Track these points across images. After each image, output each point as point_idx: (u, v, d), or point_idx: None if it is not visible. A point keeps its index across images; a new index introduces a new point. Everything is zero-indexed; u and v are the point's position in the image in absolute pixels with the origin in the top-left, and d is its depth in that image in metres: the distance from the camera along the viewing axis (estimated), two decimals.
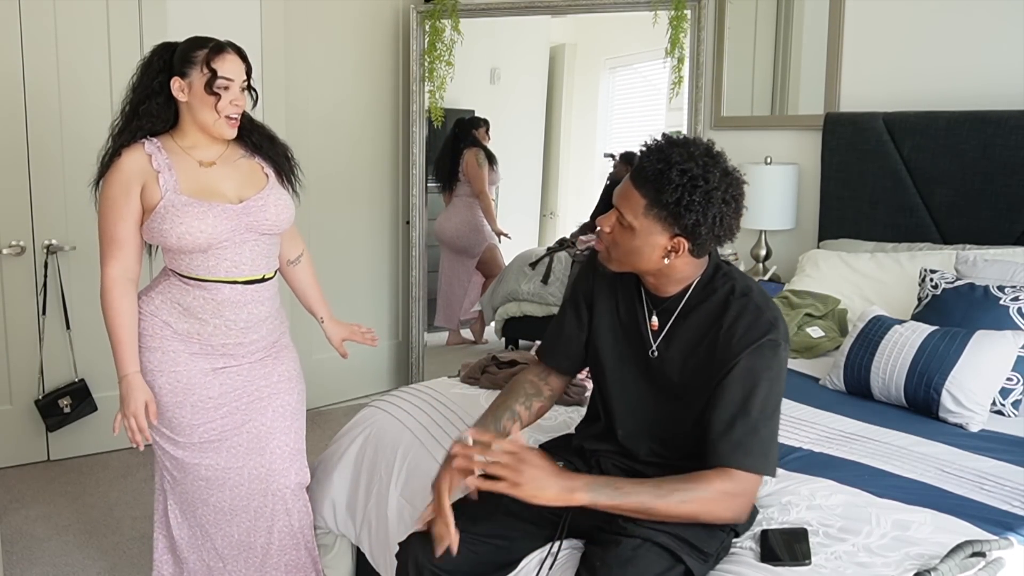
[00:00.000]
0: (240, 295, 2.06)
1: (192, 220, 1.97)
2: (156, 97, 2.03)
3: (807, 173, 3.54)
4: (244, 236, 2.04)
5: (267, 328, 2.14)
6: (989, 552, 1.49)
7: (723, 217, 1.52)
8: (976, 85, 3.08)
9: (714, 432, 1.53)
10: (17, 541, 2.86)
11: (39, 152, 3.34)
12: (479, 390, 2.41)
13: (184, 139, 2.06)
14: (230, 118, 2.02)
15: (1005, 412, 2.29)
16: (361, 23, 4.17)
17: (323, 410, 4.21)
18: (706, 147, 1.54)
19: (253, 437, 2.12)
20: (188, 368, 2.06)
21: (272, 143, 2.18)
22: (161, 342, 2.06)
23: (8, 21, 3.24)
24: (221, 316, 2.05)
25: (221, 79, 1.98)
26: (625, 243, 1.57)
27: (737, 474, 1.49)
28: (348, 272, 4.28)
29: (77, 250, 3.44)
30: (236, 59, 2.02)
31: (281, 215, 2.10)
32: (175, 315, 2.06)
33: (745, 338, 1.53)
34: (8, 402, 3.42)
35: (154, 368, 2.05)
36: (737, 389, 1.52)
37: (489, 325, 4.48)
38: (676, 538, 1.51)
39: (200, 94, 1.99)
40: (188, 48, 2.01)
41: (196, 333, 2.06)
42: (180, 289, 2.05)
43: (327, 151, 4.10)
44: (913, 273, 2.82)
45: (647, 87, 4.17)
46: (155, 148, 2.01)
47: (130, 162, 1.99)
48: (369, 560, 2.22)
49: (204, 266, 2.02)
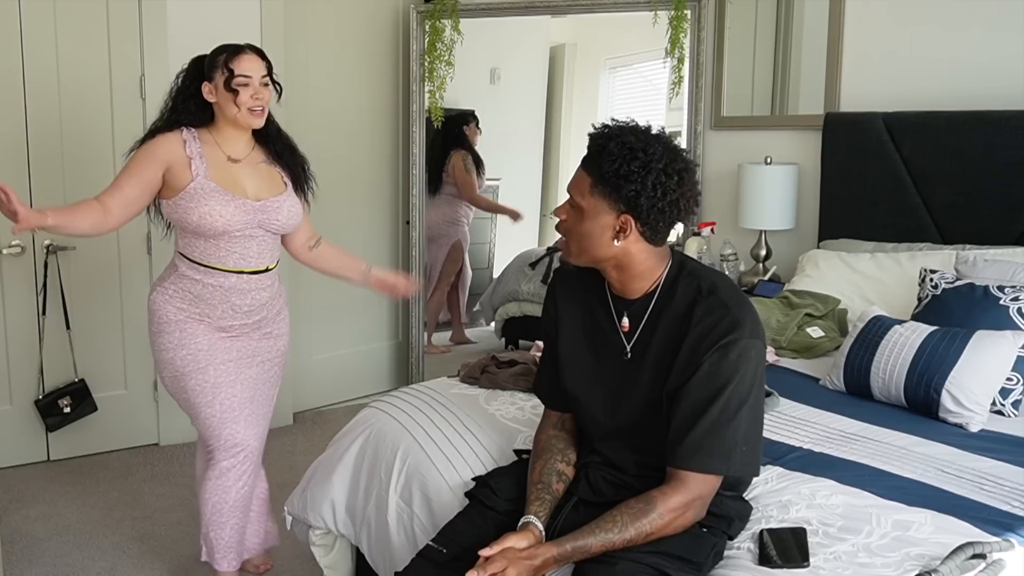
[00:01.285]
0: (246, 283, 2.32)
1: (215, 205, 2.23)
2: (193, 100, 2.30)
3: (807, 173, 3.54)
4: (254, 232, 2.31)
5: (268, 308, 2.42)
6: (990, 554, 1.49)
7: (665, 190, 1.52)
8: (976, 85, 3.08)
9: (673, 434, 1.54)
10: (17, 541, 2.86)
11: (39, 152, 3.34)
12: (479, 390, 2.40)
13: (218, 133, 2.33)
14: (252, 110, 2.27)
15: (1005, 412, 2.29)
16: (361, 23, 4.17)
17: (323, 410, 4.20)
18: (650, 127, 1.57)
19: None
20: (207, 338, 2.32)
21: (293, 154, 2.45)
22: (177, 324, 2.31)
23: (8, 21, 3.23)
24: (228, 301, 2.32)
25: (239, 77, 2.23)
26: (577, 228, 1.60)
27: (690, 478, 1.52)
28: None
29: (77, 250, 3.44)
30: (254, 58, 2.28)
31: (291, 219, 2.38)
32: (187, 301, 2.31)
33: (709, 339, 1.53)
34: (8, 402, 3.42)
35: (174, 346, 2.31)
36: (700, 391, 1.53)
37: (489, 325, 4.48)
38: (664, 555, 1.51)
39: (223, 93, 2.25)
40: (213, 55, 2.29)
41: (207, 315, 2.32)
42: (190, 279, 2.30)
43: (327, 151, 4.09)
44: (913, 273, 2.82)
45: (647, 87, 4.17)
46: (191, 136, 2.29)
47: (165, 142, 2.26)
48: (368, 561, 2.22)
49: (216, 255, 2.28)
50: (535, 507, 1.64)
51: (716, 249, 3.60)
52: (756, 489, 1.80)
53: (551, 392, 1.81)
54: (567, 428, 1.80)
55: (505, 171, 4.45)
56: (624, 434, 1.67)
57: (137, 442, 3.66)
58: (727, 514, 1.64)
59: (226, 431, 2.33)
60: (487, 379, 2.44)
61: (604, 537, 1.51)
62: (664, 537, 1.53)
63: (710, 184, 3.83)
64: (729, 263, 3.52)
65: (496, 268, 4.51)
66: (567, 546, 1.52)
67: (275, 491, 3.23)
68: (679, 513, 1.53)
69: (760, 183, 3.47)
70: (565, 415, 1.81)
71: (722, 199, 3.79)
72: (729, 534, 1.64)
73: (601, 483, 1.69)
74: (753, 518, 1.70)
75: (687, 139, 3.82)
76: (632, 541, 1.51)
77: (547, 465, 1.72)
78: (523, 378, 2.39)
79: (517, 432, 2.10)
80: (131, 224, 3.43)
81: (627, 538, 1.51)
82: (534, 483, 1.70)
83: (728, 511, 1.64)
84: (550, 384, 1.80)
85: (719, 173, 3.80)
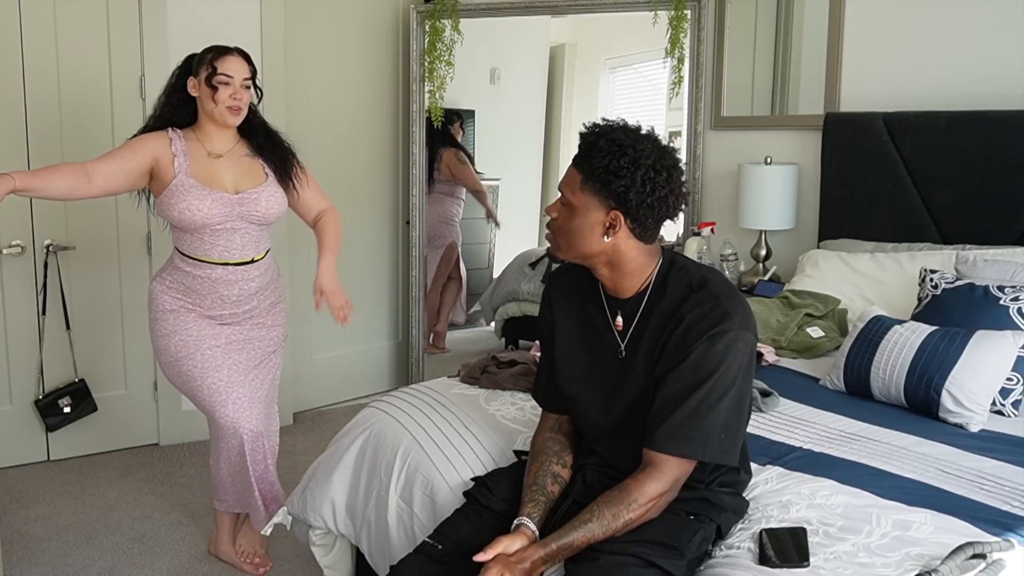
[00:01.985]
0: (231, 275, 2.45)
1: (193, 200, 2.35)
2: (178, 93, 2.45)
3: (807, 173, 3.54)
4: (236, 224, 2.42)
5: (259, 298, 2.54)
6: (990, 554, 1.49)
7: (653, 186, 1.54)
8: (976, 85, 3.09)
9: (652, 417, 1.57)
10: (17, 541, 2.86)
11: (39, 152, 3.33)
12: (479, 390, 2.41)
13: (200, 131, 2.45)
14: (229, 108, 2.38)
15: (1005, 412, 2.29)
16: (361, 23, 4.17)
17: (323, 410, 4.20)
18: (640, 127, 1.59)
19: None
20: (198, 326, 2.47)
21: (276, 146, 2.54)
22: (171, 313, 2.47)
23: (8, 21, 3.24)
24: (216, 292, 2.45)
25: (220, 75, 2.36)
26: (567, 224, 1.61)
27: (665, 462, 1.55)
28: (348, 272, 4.25)
29: (77, 250, 3.44)
30: (238, 60, 2.40)
31: (271, 209, 2.47)
32: (181, 291, 2.47)
33: (698, 329, 1.55)
34: (8, 402, 3.42)
35: (167, 332, 2.48)
36: (684, 377, 1.55)
37: (489, 325, 4.48)
38: (646, 543, 1.53)
39: (204, 88, 2.38)
40: (202, 53, 2.42)
41: (198, 305, 2.47)
42: (182, 271, 2.45)
43: (327, 151, 4.10)
44: (913, 273, 2.82)
45: (647, 87, 4.17)
46: (176, 136, 2.43)
47: (152, 139, 2.41)
48: (368, 561, 2.22)
49: (201, 248, 2.42)
50: (529, 508, 1.66)
51: (716, 249, 3.60)
52: (756, 489, 1.80)
53: (548, 395, 1.83)
54: (564, 431, 1.81)
55: (505, 171, 4.45)
56: (619, 432, 1.68)
57: (137, 442, 3.66)
58: (718, 503, 1.65)
59: (216, 412, 2.48)
60: (487, 379, 2.44)
61: (585, 531, 1.54)
62: (645, 524, 1.56)
63: (710, 184, 3.84)
64: (729, 263, 3.52)
65: (496, 268, 4.51)
66: (552, 545, 1.54)
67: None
68: (654, 497, 1.55)
69: (760, 183, 3.47)
70: (562, 417, 1.82)
71: (722, 199, 3.79)
72: (719, 523, 1.64)
73: (597, 484, 1.69)
74: (753, 518, 1.70)
75: (687, 139, 3.82)
76: (613, 531, 1.54)
77: (542, 467, 1.74)
78: (523, 378, 2.40)
79: (517, 432, 2.10)
80: (131, 224, 3.49)
81: (607, 529, 1.54)
82: (529, 485, 1.72)
83: (720, 501, 1.65)
84: (547, 387, 1.82)
85: (719, 173, 3.80)
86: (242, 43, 2.44)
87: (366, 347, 4.39)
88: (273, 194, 2.47)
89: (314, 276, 2.47)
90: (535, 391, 1.89)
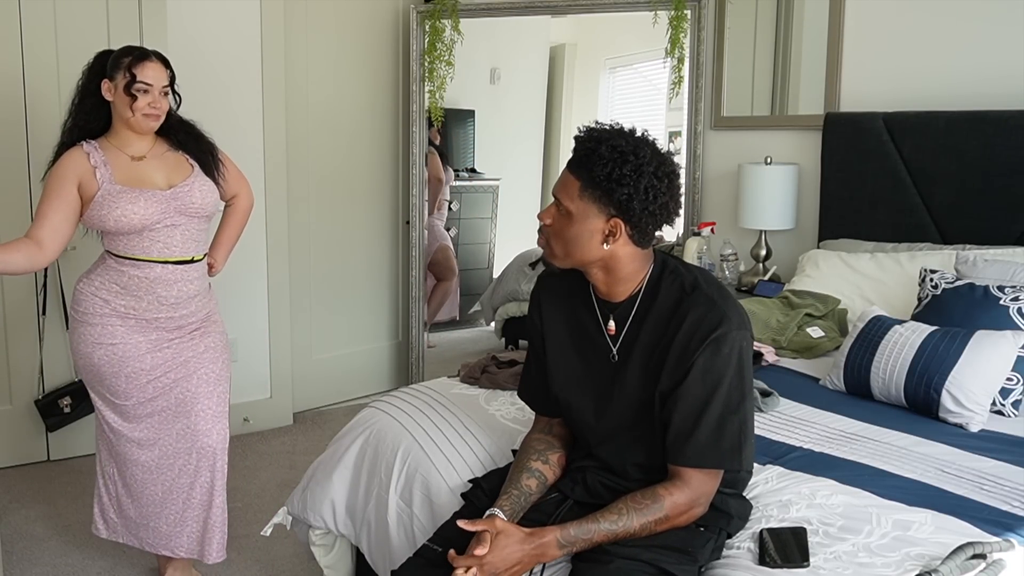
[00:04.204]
0: (171, 274, 2.35)
1: (127, 204, 2.27)
2: (92, 97, 2.34)
3: (807, 173, 3.54)
4: (175, 219, 2.34)
5: (196, 304, 2.43)
6: (990, 554, 1.49)
7: (656, 193, 1.53)
8: (976, 85, 3.08)
9: (677, 433, 1.56)
10: (17, 541, 2.86)
11: (39, 152, 3.32)
12: (479, 390, 2.41)
13: (116, 138, 2.36)
14: (147, 115, 2.30)
15: (1005, 412, 2.29)
16: (361, 23, 4.17)
17: (323, 410, 4.21)
18: (635, 130, 1.58)
19: (180, 402, 2.40)
20: (124, 342, 2.35)
21: (198, 141, 2.46)
22: (100, 318, 2.34)
23: (8, 21, 3.23)
24: (154, 292, 2.34)
25: (139, 83, 2.28)
26: (564, 231, 1.59)
27: (696, 476, 1.55)
28: (348, 272, 4.28)
29: (77, 250, 3.42)
30: (158, 66, 2.31)
31: (206, 199, 2.40)
32: (113, 293, 2.34)
33: (698, 335, 1.54)
34: (8, 402, 3.42)
35: (94, 341, 2.35)
36: (697, 388, 1.54)
37: (489, 325, 4.48)
38: (660, 548, 1.53)
39: (121, 95, 2.29)
40: (118, 55, 2.32)
41: (132, 308, 2.34)
42: (116, 270, 2.34)
43: (327, 151, 4.10)
44: (913, 273, 2.82)
45: (647, 87, 4.17)
46: (92, 148, 2.32)
47: (70, 160, 2.30)
48: (368, 561, 2.22)
49: (140, 247, 2.32)
50: (502, 500, 1.67)
51: (716, 249, 3.60)
52: (756, 489, 1.80)
53: (536, 398, 1.83)
54: (554, 432, 1.81)
55: (505, 171, 4.45)
56: (616, 437, 1.68)
57: None
58: (726, 510, 1.64)
59: (131, 432, 2.41)
60: (487, 379, 2.44)
61: (607, 527, 1.54)
62: (661, 532, 1.56)
63: (710, 184, 3.84)
64: (729, 263, 3.53)
65: (496, 268, 4.51)
66: (571, 531, 1.54)
67: (275, 491, 3.25)
68: (684, 510, 1.55)
69: (760, 183, 3.47)
70: (553, 420, 1.82)
71: (722, 199, 3.79)
72: (728, 531, 1.64)
73: (599, 487, 1.69)
74: (753, 518, 1.70)
75: (687, 139, 3.82)
76: (634, 533, 1.54)
77: (521, 463, 1.75)
78: None
79: (517, 432, 2.10)
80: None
81: (630, 530, 1.54)
82: (508, 479, 1.73)
83: (727, 507, 1.65)
84: (536, 390, 1.81)
85: (719, 173, 3.80)
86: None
87: (366, 347, 4.39)
88: (204, 184, 2.41)
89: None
90: (521, 392, 1.88)
